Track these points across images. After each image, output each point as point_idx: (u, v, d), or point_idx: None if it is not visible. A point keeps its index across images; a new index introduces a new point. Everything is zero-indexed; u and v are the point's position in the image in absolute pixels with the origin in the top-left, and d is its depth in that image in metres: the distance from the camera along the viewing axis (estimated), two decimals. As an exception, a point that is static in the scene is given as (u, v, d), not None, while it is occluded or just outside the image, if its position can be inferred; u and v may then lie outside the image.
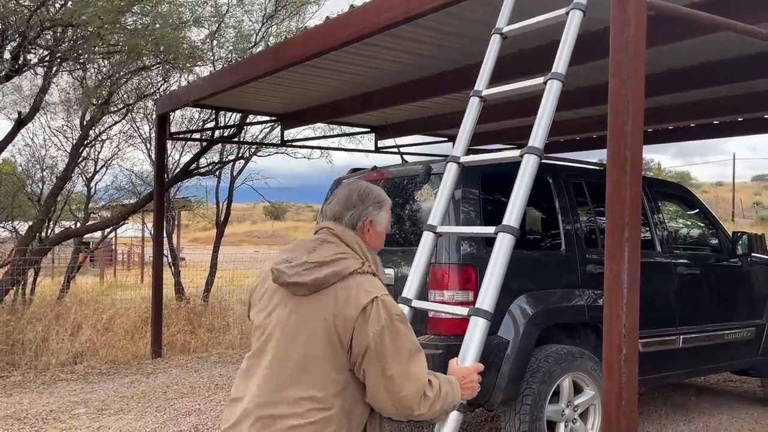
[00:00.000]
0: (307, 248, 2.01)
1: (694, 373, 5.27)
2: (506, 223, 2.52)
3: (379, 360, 1.87)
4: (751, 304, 5.31)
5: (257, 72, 5.87)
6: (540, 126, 2.70)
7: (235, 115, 9.44)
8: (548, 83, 2.74)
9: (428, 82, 6.22)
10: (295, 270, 1.93)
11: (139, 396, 6.05)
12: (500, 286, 2.45)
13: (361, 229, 2.10)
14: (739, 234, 5.28)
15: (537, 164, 2.62)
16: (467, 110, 3.06)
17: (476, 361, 2.35)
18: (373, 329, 1.86)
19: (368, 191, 2.15)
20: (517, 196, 2.58)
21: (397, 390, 1.87)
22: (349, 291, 1.90)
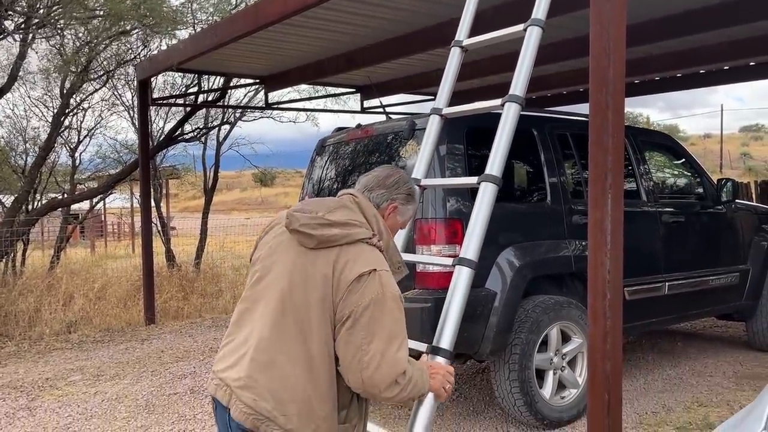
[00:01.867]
0: (327, 207, 2.00)
1: (680, 319, 5.37)
2: (488, 173, 2.53)
3: (361, 331, 1.83)
4: (736, 250, 5.38)
5: (238, 32, 5.77)
6: (521, 74, 2.68)
7: (219, 79, 9.31)
8: (528, 30, 2.71)
9: (412, 38, 6.13)
10: (307, 220, 1.93)
11: (135, 361, 6.11)
12: (484, 235, 2.47)
13: (384, 210, 2.12)
14: (723, 181, 5.31)
15: (518, 112, 2.62)
16: (448, 61, 3.04)
17: (461, 310, 2.38)
18: (362, 299, 1.84)
19: (406, 181, 2.20)
20: (498, 145, 2.58)
21: (371, 367, 1.82)
22: (352, 256, 1.89)
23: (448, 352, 2.30)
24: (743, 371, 5.22)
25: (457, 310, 2.37)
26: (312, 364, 1.86)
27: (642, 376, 5.14)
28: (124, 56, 9.09)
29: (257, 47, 6.75)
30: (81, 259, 11.06)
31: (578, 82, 8.25)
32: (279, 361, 1.87)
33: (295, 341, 1.87)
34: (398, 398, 1.92)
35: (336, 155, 4.89)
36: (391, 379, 1.85)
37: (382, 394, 1.87)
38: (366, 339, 1.83)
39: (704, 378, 5.06)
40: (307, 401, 1.85)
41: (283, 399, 1.85)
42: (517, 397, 3.98)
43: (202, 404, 4.78)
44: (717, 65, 8.00)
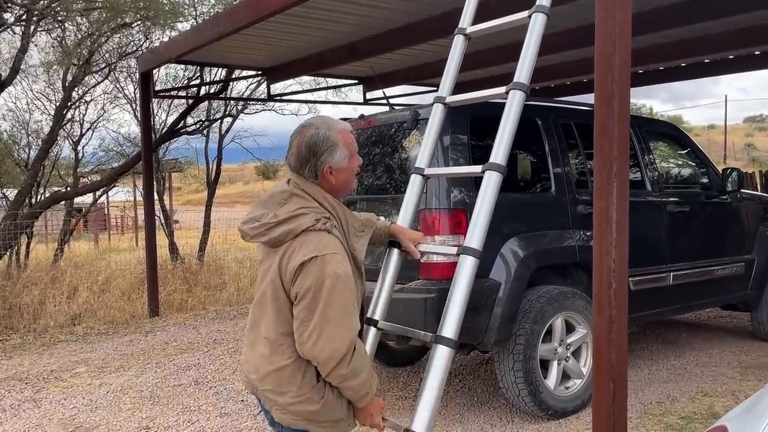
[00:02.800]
0: (278, 201, 2.09)
1: (685, 309, 5.35)
2: (493, 161, 2.50)
3: (304, 310, 1.98)
4: (741, 240, 5.35)
5: (240, 23, 5.74)
6: (525, 61, 2.64)
7: (221, 71, 9.29)
8: (533, 17, 2.67)
9: (415, 28, 6.10)
10: (255, 231, 2.08)
11: (139, 353, 6.12)
12: (488, 224, 2.44)
13: (323, 178, 2.10)
14: (729, 170, 5.28)
15: (523, 100, 2.57)
16: (452, 49, 2.99)
17: (465, 300, 2.35)
18: (305, 282, 1.96)
19: (315, 140, 2.09)
20: (503, 133, 2.54)
21: (310, 342, 1.97)
22: (296, 246, 2.01)
23: (452, 342, 2.28)
24: (748, 361, 5.20)
25: (461, 300, 2.34)
26: (272, 344, 2.09)
27: (646, 366, 5.13)
28: (126, 48, 9.08)
29: (259, 38, 6.72)
30: (85, 252, 11.09)
31: (582, 72, 8.20)
32: (254, 342, 2.15)
33: (259, 325, 2.13)
34: (343, 384, 2.05)
35: (339, 146, 4.86)
36: (329, 355, 1.97)
37: (326, 371, 2.01)
38: (307, 317, 1.98)
39: (709, 368, 5.04)
40: (276, 374, 2.08)
41: (261, 372, 2.12)
42: (522, 387, 3.97)
43: (206, 395, 4.78)
44: (721, 54, 7.95)
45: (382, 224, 2.54)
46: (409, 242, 2.53)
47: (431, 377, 2.23)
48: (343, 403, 2.13)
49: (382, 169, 4.46)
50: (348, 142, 2.14)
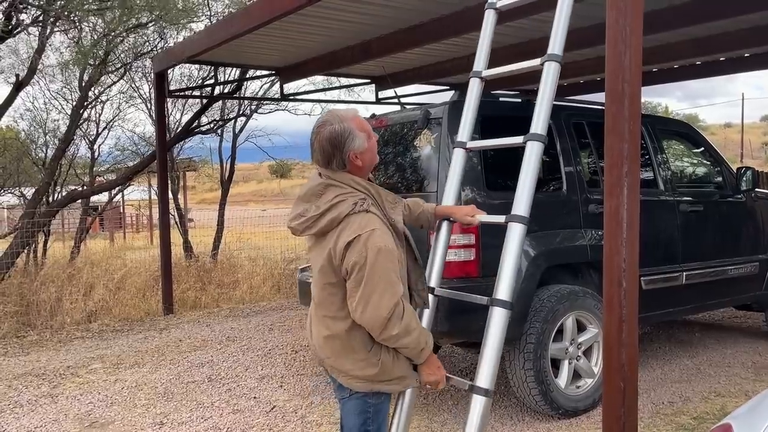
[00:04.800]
0: (316, 194, 2.30)
1: (698, 309, 5.32)
2: (534, 131, 2.61)
3: (352, 282, 2.20)
4: (755, 239, 5.31)
5: (252, 23, 5.78)
6: (557, 33, 2.72)
7: (235, 71, 9.35)
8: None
9: (427, 28, 6.10)
10: (304, 225, 2.30)
11: (153, 350, 6.19)
12: (533, 192, 2.57)
13: (351, 164, 2.30)
14: (743, 169, 5.24)
15: (558, 71, 2.66)
16: (483, 24, 3.05)
17: (516, 263, 2.56)
18: (351, 259, 2.18)
19: (333, 134, 2.28)
20: (541, 104, 2.65)
21: (359, 310, 2.19)
22: (341, 230, 2.22)
23: (507, 303, 2.48)
24: (762, 362, 5.16)
25: (512, 263, 2.50)
26: (327, 317, 2.34)
27: (659, 366, 5.11)
28: (142, 48, 9.15)
29: (272, 38, 6.76)
30: (100, 250, 11.21)
31: (597, 70, 8.16)
32: (317, 318, 2.39)
33: (320, 304, 2.36)
34: (398, 343, 2.25)
35: (351, 145, 4.89)
36: (379, 321, 2.18)
37: (378, 334, 2.22)
38: (355, 288, 2.20)
39: (722, 368, 5.01)
40: (332, 343, 2.33)
41: (320, 343, 2.37)
42: (533, 386, 3.97)
43: (219, 392, 4.83)
44: (737, 53, 7.88)
45: (429, 206, 2.79)
46: (464, 216, 2.76)
47: (490, 338, 2.48)
48: (403, 362, 2.34)
49: (393, 168, 4.47)
50: (361, 126, 2.34)
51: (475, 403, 2.47)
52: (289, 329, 6.96)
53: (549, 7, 2.99)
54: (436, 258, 2.85)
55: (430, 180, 4.02)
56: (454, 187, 2.91)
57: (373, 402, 2.36)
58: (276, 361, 5.67)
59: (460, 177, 2.92)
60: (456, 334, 4.00)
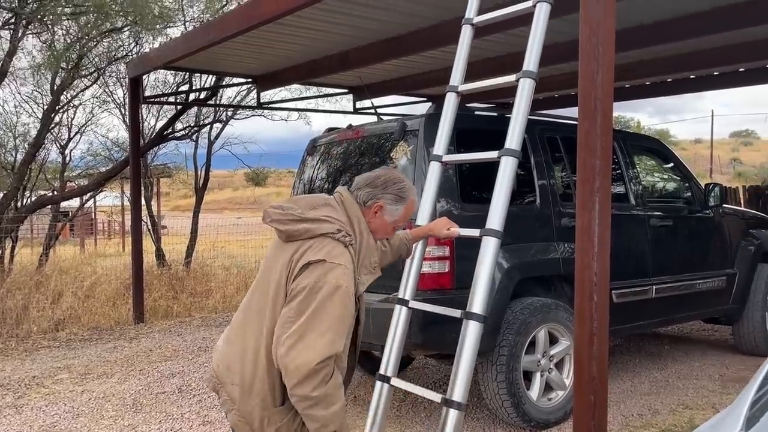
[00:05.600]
0: (311, 204, 2.13)
1: (667, 322, 5.40)
2: (508, 147, 2.63)
3: (293, 309, 1.92)
4: (723, 254, 5.42)
5: (230, 31, 5.76)
6: (533, 50, 2.75)
7: (210, 78, 9.29)
8: (537, 5, 2.76)
9: (405, 40, 6.15)
10: (279, 216, 2.08)
11: (123, 360, 6.09)
12: (507, 206, 2.59)
13: (369, 209, 2.20)
14: (711, 185, 5.35)
15: (533, 87, 2.70)
16: (460, 40, 3.09)
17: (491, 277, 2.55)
18: (304, 281, 1.93)
19: (397, 181, 2.25)
20: (516, 120, 2.69)
21: (287, 344, 1.87)
22: (310, 246, 2.01)
23: (480, 317, 2.48)
24: (729, 374, 5.26)
25: (486, 278, 2.52)
26: (260, 343, 2.00)
27: (629, 378, 5.17)
28: (116, 53, 9.05)
29: (250, 46, 6.74)
30: (70, 257, 11.01)
31: (571, 85, 8.29)
32: (240, 337, 2.08)
33: (253, 322, 2.05)
34: (309, 411, 1.89)
35: (327, 155, 4.89)
36: (304, 367, 1.85)
37: (292, 384, 1.87)
38: (293, 317, 1.91)
39: (690, 381, 5.09)
40: (249, 377, 2.00)
41: (233, 368, 2.05)
42: (505, 398, 3.99)
43: (190, 403, 4.76)
44: (707, 71, 8.07)
45: (403, 234, 2.68)
46: (441, 230, 2.70)
47: (464, 352, 2.46)
48: None
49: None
50: (409, 212, 2.28)
51: (448, 417, 2.48)
52: (262, 339, 6.90)
53: (524, 22, 3.04)
54: (412, 270, 2.87)
55: (406, 192, 4.03)
56: (430, 199, 2.95)
57: None
58: (248, 371, 5.61)
59: (437, 190, 2.96)
60: (430, 346, 4.01)
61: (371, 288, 4.11)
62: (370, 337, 3.92)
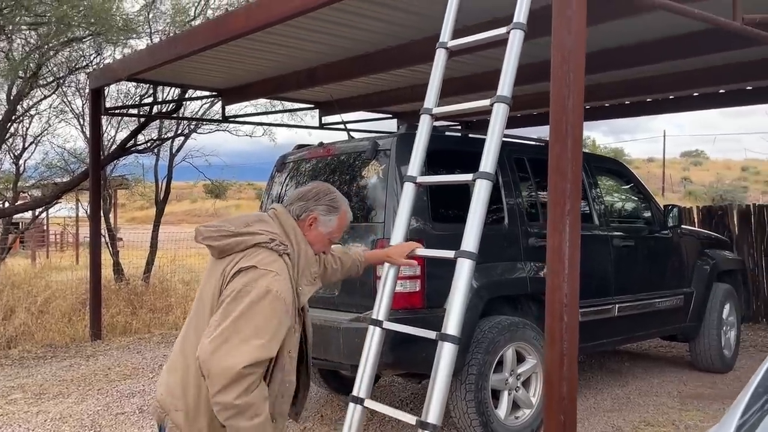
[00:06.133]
0: (244, 222, 2.12)
1: (629, 340, 5.53)
2: (483, 170, 2.67)
3: (220, 314, 1.89)
4: (681, 274, 5.59)
5: (197, 45, 5.71)
6: (506, 75, 2.81)
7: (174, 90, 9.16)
8: (511, 33, 2.83)
9: (374, 58, 6.20)
10: (210, 233, 2.08)
11: (80, 379, 5.90)
12: (481, 228, 2.63)
13: (304, 222, 2.22)
14: (670, 207, 5.53)
15: (507, 112, 2.76)
16: (434, 63, 3.13)
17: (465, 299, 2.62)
18: (233, 286, 1.93)
19: (328, 192, 2.30)
20: (490, 144, 2.72)
21: (210, 347, 1.83)
22: (242, 257, 2.01)
23: (455, 338, 2.53)
24: (687, 391, 5.40)
25: (461, 299, 2.57)
26: None
27: (592, 395, 5.27)
28: (76, 63, 8.85)
29: (217, 60, 6.69)
30: (22, 271, 10.65)
31: (533, 105, 8.46)
32: (181, 362, 2.05)
33: (193, 343, 1.99)
34: (231, 422, 1.82)
35: (296, 172, 4.87)
36: (225, 372, 1.79)
37: (214, 390, 1.81)
38: (219, 320, 1.88)
39: (651, 398, 5.21)
40: (193, 400, 1.98)
41: (176, 394, 2.02)
42: (473, 417, 4.01)
43: (150, 424, 4.64)
44: (663, 95, 8.37)
45: (357, 255, 2.71)
46: (401, 259, 2.73)
47: (440, 373, 2.49)
48: None
49: (339, 197, 4.47)
50: (342, 223, 2.31)
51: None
52: (225, 357, 6.78)
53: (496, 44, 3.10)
54: (386, 290, 2.88)
55: (378, 211, 4.04)
56: (404, 220, 2.98)
57: None
58: (211, 390, 5.50)
59: (410, 211, 2.98)
60: (400, 366, 4.01)
61: (342, 307, 4.14)
62: (340, 356, 3.93)
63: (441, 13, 4.85)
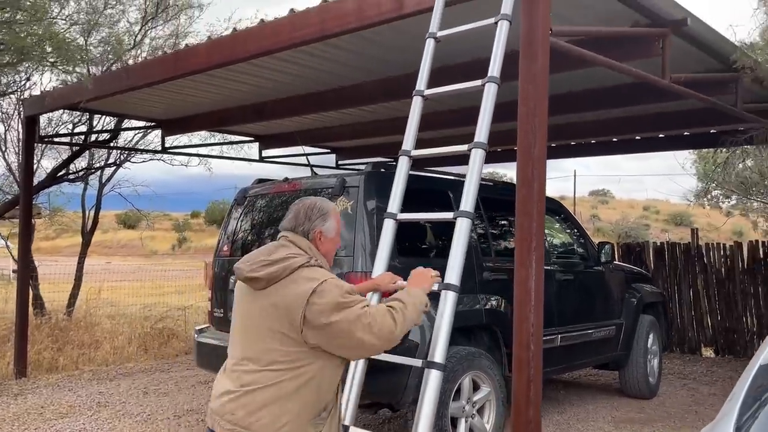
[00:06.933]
0: (267, 251, 2.31)
1: (569, 369, 5.88)
2: (463, 209, 2.89)
3: (345, 324, 2.15)
4: (613, 306, 6.03)
5: (152, 78, 5.71)
6: (483, 123, 3.05)
7: (110, 118, 8.95)
8: (486, 85, 3.08)
9: (326, 96, 6.39)
10: (251, 267, 2.24)
11: (12, 418, 5.59)
12: (463, 262, 2.86)
13: (314, 240, 2.40)
14: (603, 244, 5.99)
15: (484, 156, 3.00)
16: (411, 109, 3.36)
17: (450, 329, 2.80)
18: (330, 300, 2.14)
19: (312, 207, 2.44)
20: (469, 186, 2.94)
21: (370, 338, 2.16)
22: (298, 281, 2.19)
23: (441, 366, 2.66)
24: (619, 416, 5.79)
25: (446, 329, 2.76)
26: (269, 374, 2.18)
27: (534, 422, 5.54)
28: (5, 89, 8.51)
29: (163, 92, 6.66)
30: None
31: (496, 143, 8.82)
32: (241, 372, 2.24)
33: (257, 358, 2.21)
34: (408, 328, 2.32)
35: (257, 208, 4.95)
36: (390, 334, 2.21)
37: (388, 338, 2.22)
38: (351, 324, 2.15)
39: (588, 423, 5.55)
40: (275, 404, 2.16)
41: (250, 407, 2.18)
42: (434, 444, 4.16)
43: (101, 463, 4.49)
44: (585, 139, 9.05)
45: None
46: (389, 286, 2.94)
47: (426, 400, 2.62)
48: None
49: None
50: (338, 218, 2.48)
51: None
52: (166, 392, 6.62)
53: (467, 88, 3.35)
54: (383, 254, 3.08)
55: (346, 246, 4.19)
56: (385, 255, 3.16)
57: None
58: (159, 427, 5.38)
59: (391, 246, 3.15)
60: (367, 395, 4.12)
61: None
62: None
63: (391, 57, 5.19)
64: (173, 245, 44.63)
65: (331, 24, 4.24)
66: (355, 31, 4.22)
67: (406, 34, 4.46)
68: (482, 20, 3.28)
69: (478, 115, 3.08)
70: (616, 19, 4.28)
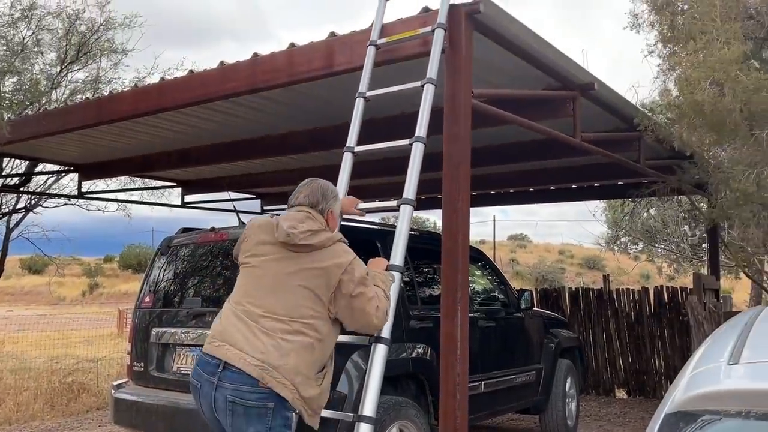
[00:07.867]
0: (299, 219, 2.76)
1: (493, 414, 5.98)
2: (393, 263, 3.06)
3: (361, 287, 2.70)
4: (533, 351, 6.24)
5: (73, 124, 5.56)
6: (410, 181, 3.24)
7: (22, 162, 8.59)
8: (414, 145, 3.23)
9: (254, 144, 6.42)
10: (304, 234, 2.70)
11: None
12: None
13: (325, 217, 2.86)
14: (522, 291, 6.22)
15: (412, 211, 3.24)
16: (342, 166, 3.47)
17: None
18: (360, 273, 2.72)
19: (326, 188, 2.90)
20: (398, 240, 3.14)
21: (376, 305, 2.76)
22: (338, 252, 2.74)
23: (372, 419, 2.76)
24: (541, 459, 5.95)
25: (377, 380, 2.96)
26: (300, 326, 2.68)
27: (460, 469, 5.60)
28: None
29: (80, 136, 6.45)
30: None
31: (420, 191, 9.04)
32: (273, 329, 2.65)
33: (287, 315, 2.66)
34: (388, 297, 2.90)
35: (181, 257, 4.86)
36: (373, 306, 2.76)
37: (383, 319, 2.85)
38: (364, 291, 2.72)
39: (511, 467, 5.67)
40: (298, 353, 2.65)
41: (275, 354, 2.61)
42: (362, 496, 4.13)
43: None
44: (504, 189, 9.47)
45: None
46: (354, 210, 3.46)
47: None
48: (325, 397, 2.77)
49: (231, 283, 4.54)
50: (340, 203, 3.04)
51: None
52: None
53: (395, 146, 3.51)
54: None
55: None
56: None
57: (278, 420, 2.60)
58: (69, 491, 5.06)
59: None
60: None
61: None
62: None
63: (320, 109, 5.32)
64: (83, 291, 42.45)
65: (262, 78, 4.32)
66: (286, 85, 4.31)
67: (337, 89, 4.60)
68: (409, 83, 3.45)
69: (407, 171, 3.22)
70: (530, 81, 4.58)
